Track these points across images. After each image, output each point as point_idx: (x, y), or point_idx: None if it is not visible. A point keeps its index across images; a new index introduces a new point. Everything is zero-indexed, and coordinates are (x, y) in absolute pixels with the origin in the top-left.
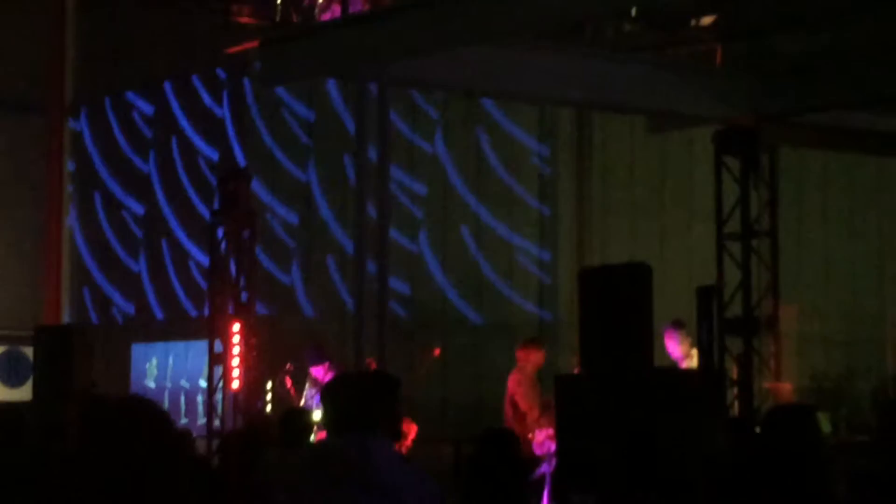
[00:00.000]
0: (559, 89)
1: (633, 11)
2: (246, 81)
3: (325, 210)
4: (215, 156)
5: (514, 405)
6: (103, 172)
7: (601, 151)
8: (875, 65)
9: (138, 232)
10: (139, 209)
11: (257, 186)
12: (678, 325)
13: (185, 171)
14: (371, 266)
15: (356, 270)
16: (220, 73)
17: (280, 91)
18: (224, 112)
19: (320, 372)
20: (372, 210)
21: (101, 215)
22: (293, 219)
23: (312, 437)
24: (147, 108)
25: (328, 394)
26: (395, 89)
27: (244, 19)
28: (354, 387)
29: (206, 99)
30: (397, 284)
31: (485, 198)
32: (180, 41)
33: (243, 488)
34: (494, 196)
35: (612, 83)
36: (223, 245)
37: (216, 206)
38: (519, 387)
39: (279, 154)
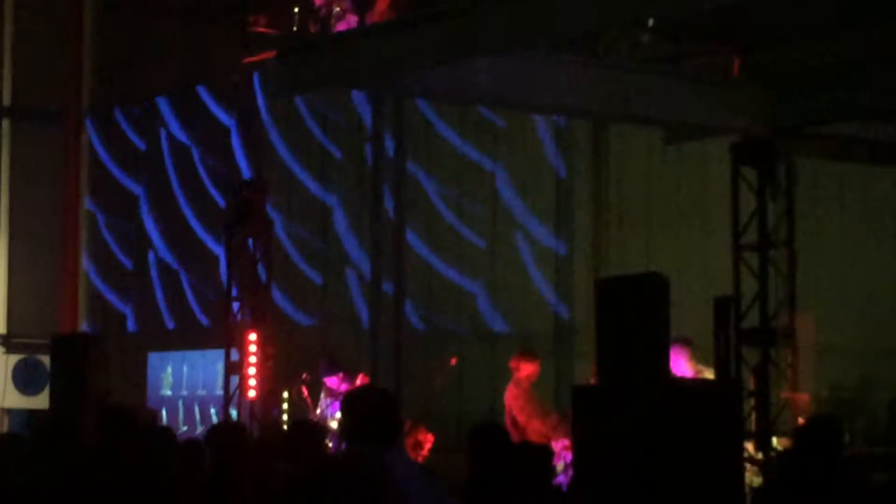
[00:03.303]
0: (575, 100)
1: (650, 22)
2: (258, 90)
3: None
4: (234, 165)
5: (514, 419)
6: (117, 181)
7: (617, 162)
8: (892, 75)
9: (155, 240)
10: (153, 218)
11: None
12: (685, 342)
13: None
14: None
15: (372, 280)
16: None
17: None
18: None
19: (335, 382)
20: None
21: (120, 222)
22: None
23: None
24: (167, 116)
25: (347, 405)
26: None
27: (261, 29)
28: (374, 398)
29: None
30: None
31: (501, 210)
32: (197, 51)
33: (256, 497)
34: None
35: (628, 94)
36: (239, 255)
37: (230, 217)
38: (515, 401)
39: (294, 165)
